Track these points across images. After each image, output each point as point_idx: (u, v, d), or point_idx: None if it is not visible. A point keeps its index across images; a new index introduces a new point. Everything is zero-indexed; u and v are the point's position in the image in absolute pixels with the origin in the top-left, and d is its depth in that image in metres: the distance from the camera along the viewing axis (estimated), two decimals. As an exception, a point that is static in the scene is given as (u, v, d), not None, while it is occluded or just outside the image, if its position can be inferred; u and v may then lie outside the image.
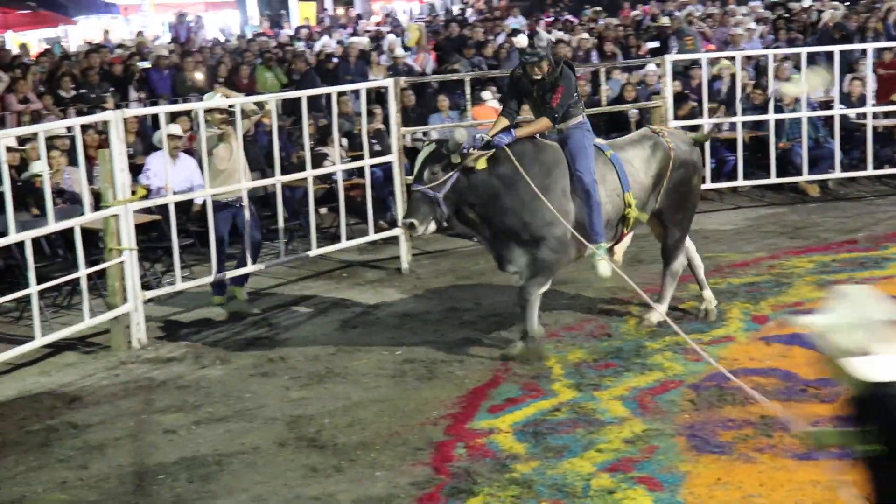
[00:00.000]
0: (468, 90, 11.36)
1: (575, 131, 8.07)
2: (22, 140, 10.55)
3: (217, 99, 9.49)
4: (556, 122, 8.02)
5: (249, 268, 9.58)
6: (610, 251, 8.23)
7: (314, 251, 10.23)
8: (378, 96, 13.44)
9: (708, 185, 12.26)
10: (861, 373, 3.63)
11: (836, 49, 12.76)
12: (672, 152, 8.37)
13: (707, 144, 11.47)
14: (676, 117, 11.98)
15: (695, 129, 12.24)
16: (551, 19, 25.47)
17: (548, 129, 8.13)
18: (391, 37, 20.47)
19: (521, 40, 8.15)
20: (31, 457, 6.67)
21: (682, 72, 14.11)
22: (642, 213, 8.30)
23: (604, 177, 8.07)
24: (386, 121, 11.54)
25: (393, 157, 10.72)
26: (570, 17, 26.04)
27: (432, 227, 7.86)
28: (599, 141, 8.42)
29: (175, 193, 9.50)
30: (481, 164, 7.70)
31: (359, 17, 30.04)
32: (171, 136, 10.35)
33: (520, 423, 6.83)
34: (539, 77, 7.97)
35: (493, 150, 7.76)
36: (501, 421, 6.88)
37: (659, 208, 8.43)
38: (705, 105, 12.19)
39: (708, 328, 8.38)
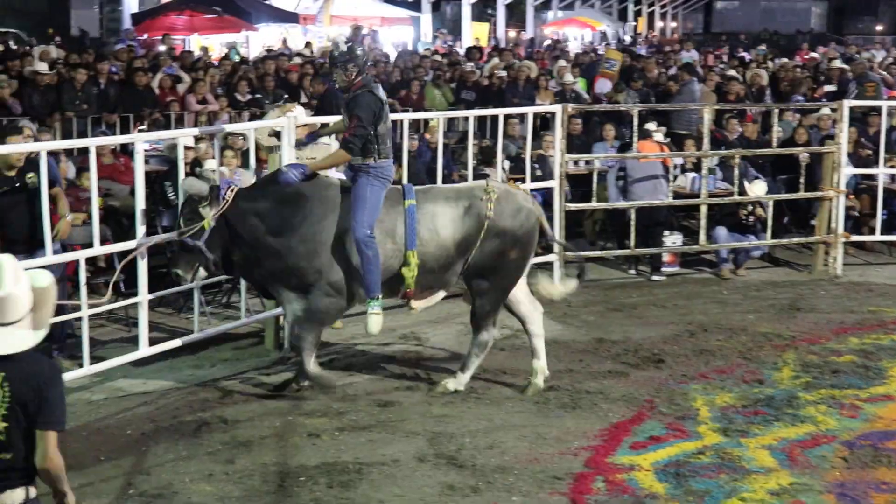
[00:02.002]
0: (635, 122, 11.27)
1: (361, 175, 7.43)
2: (196, 139, 10.94)
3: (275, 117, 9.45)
4: (353, 153, 7.42)
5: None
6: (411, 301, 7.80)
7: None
8: (543, 121, 13.46)
9: (878, 237, 11.87)
10: None
11: None
12: (487, 220, 7.59)
13: (879, 194, 11.11)
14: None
15: (870, 177, 11.90)
16: (724, 55, 25.06)
17: (343, 162, 7.63)
18: (561, 62, 20.48)
19: (339, 44, 7.63)
20: (181, 446, 6.88)
21: (861, 118, 13.67)
22: (415, 281, 7.56)
23: (392, 229, 7.48)
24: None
25: (554, 183, 10.71)
26: (744, 53, 25.58)
27: (202, 273, 7.57)
28: (412, 186, 7.75)
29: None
30: (207, 224, 7.30)
31: (532, 41, 30.11)
32: (327, 146, 10.63)
33: (662, 462, 6.71)
34: (341, 87, 7.59)
35: (268, 186, 7.46)
36: (643, 458, 6.77)
37: (467, 275, 7.77)
38: (881, 154, 11.79)
39: (866, 384, 8.07)
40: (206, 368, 8.39)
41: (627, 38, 40.66)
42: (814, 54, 24.66)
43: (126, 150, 10.96)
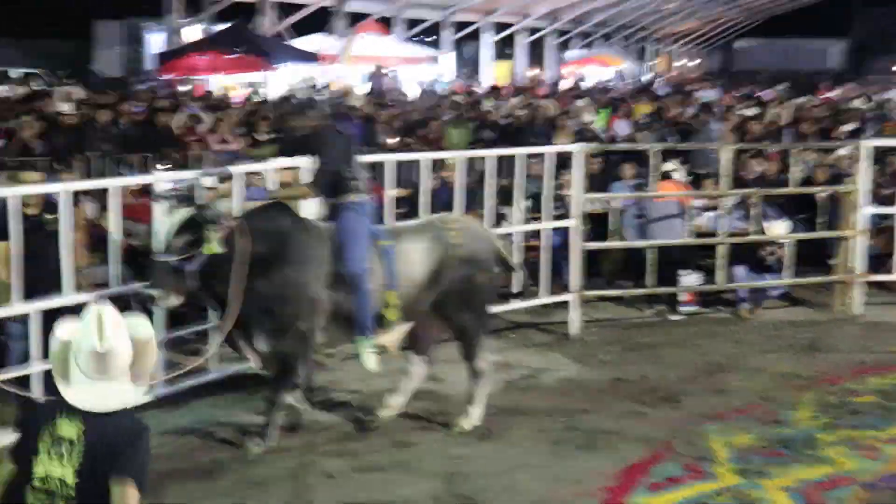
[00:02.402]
0: (652, 161, 11.28)
1: (347, 212, 7.42)
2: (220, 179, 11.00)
3: None
4: (323, 191, 7.43)
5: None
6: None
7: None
8: (561, 161, 13.47)
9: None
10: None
11: None
12: (452, 249, 7.70)
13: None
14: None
15: (887, 217, 11.85)
16: (743, 95, 25.10)
17: (307, 197, 7.64)
18: (580, 102, 20.58)
19: (299, 92, 7.74)
20: (194, 487, 6.90)
21: (881, 158, 13.62)
22: (401, 321, 7.63)
23: (372, 271, 7.42)
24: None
25: (572, 222, 10.73)
26: (763, 92, 25.63)
27: (175, 300, 7.08)
28: (378, 227, 7.79)
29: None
30: (213, 249, 6.95)
31: (556, 83, 30.29)
32: None
33: (679, 503, 6.67)
34: (300, 132, 7.57)
35: (257, 225, 7.15)
36: (660, 499, 6.75)
37: (441, 308, 7.81)
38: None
39: (886, 425, 8.00)
40: (224, 408, 8.40)
41: (646, 78, 40.80)
42: (832, 94, 24.65)
43: (147, 191, 11.05)
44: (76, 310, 7.18)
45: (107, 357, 3.70)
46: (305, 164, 8.06)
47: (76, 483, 3.66)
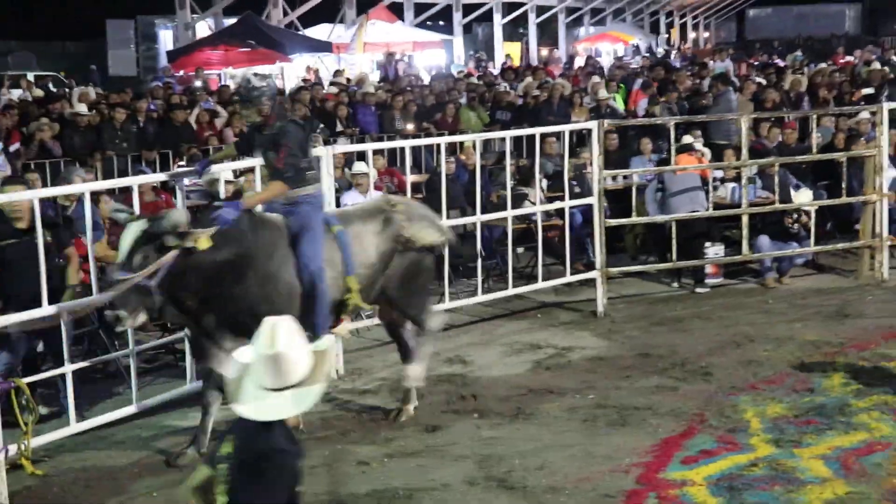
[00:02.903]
0: (672, 135, 11.23)
1: (305, 206, 7.18)
2: (238, 172, 11.01)
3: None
4: (290, 183, 7.12)
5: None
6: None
7: (511, 290, 10.30)
8: (580, 138, 13.45)
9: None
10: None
11: None
12: (402, 231, 7.64)
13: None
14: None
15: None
16: (758, 63, 24.92)
17: (280, 194, 7.18)
18: (595, 78, 20.48)
19: (247, 75, 7.42)
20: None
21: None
22: (363, 303, 7.55)
23: (330, 258, 7.25)
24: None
25: (593, 200, 10.69)
26: (778, 61, 25.43)
27: (142, 318, 6.68)
28: (328, 212, 7.64)
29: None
30: (203, 244, 6.58)
31: (569, 61, 30.15)
32: (359, 174, 10.76)
33: (714, 476, 6.65)
34: (254, 123, 7.34)
35: (218, 228, 6.69)
36: (695, 473, 6.71)
37: (387, 290, 7.73)
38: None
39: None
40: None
41: (661, 51, 40.55)
42: (850, 58, 24.45)
43: (167, 187, 11.07)
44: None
45: (279, 361, 3.77)
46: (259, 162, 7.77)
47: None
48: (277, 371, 3.78)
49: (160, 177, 9.08)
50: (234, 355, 3.97)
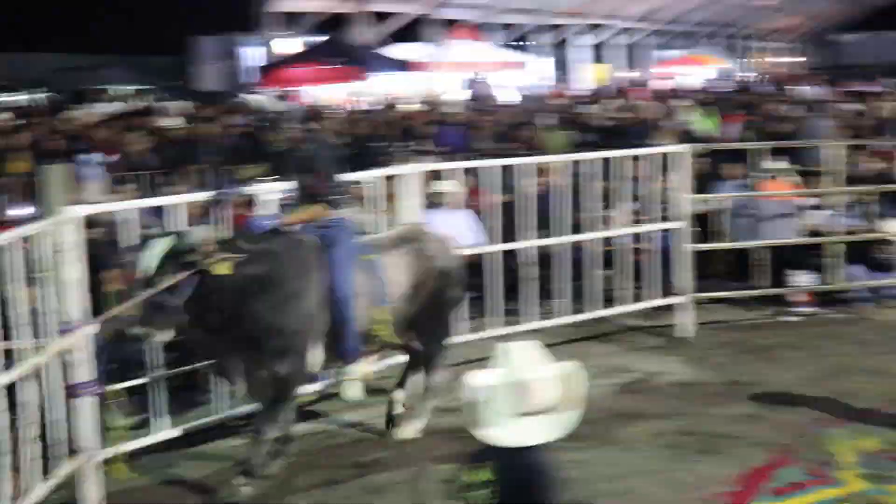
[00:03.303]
0: (761, 160, 11.08)
1: (337, 231, 7.11)
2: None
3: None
4: (331, 205, 7.10)
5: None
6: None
7: (596, 313, 10.23)
8: (668, 162, 13.30)
9: None
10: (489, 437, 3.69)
11: None
12: (432, 261, 7.52)
13: None
14: None
15: None
16: (851, 90, 24.52)
17: (321, 216, 7.15)
18: (681, 102, 20.33)
19: (270, 103, 7.32)
20: (316, 493, 6.98)
21: None
22: (393, 336, 7.36)
23: (362, 287, 7.10)
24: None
25: (681, 223, 10.57)
26: (872, 87, 24.99)
27: (167, 335, 6.62)
28: (362, 240, 7.44)
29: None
30: (221, 270, 6.48)
31: (655, 84, 29.98)
32: (444, 193, 10.76)
33: (804, 509, 6.52)
34: (281, 147, 7.20)
35: (238, 255, 6.57)
36: (784, 505, 6.58)
37: (414, 320, 7.54)
38: None
39: None
40: (344, 414, 8.44)
41: (748, 75, 40.15)
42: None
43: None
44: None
45: (527, 387, 3.76)
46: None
47: None
48: (525, 397, 3.75)
49: (201, 196, 8.44)
50: (466, 381, 3.91)
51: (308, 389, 8.04)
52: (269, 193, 7.82)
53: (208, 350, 7.05)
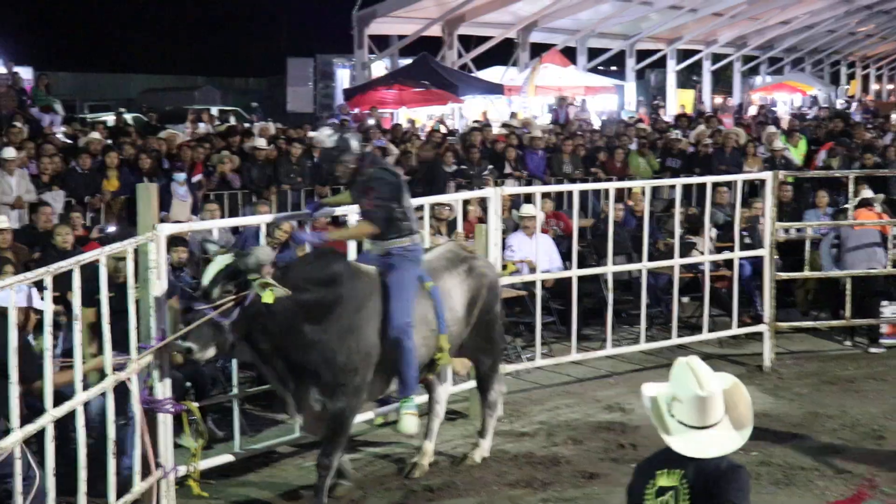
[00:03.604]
0: (850, 188, 10.90)
1: (400, 259, 6.97)
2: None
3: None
4: (380, 228, 6.96)
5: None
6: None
7: (674, 340, 10.14)
8: (752, 188, 13.17)
9: None
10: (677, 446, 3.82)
11: None
12: (483, 278, 7.44)
13: None
14: None
15: None
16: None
17: (366, 235, 7.11)
18: (770, 128, 20.05)
19: (322, 138, 7.15)
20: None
21: None
22: (453, 360, 7.19)
23: (423, 315, 6.97)
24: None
25: (764, 252, 10.44)
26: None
27: (211, 352, 6.40)
28: (420, 268, 7.18)
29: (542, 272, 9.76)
30: (268, 298, 6.26)
31: (740, 106, 29.66)
32: (526, 217, 10.81)
33: (883, 545, 6.38)
34: (344, 180, 7.08)
35: (288, 290, 6.33)
36: (863, 540, 6.45)
37: (467, 340, 7.43)
38: None
39: None
40: (413, 439, 8.46)
41: (841, 102, 39.46)
42: None
43: (338, 222, 11.33)
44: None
45: (707, 402, 3.86)
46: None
47: None
48: (702, 412, 3.86)
49: (266, 218, 8.51)
50: (643, 391, 4.07)
51: (368, 416, 8.13)
52: (350, 215, 7.90)
53: (265, 374, 7.00)
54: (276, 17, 52.00)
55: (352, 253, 7.84)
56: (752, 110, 31.90)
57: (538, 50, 29.81)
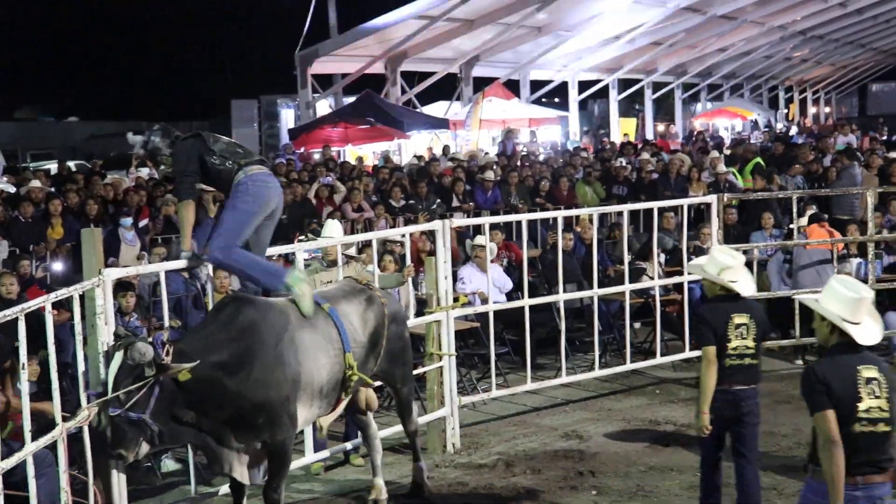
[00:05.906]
0: (794, 209, 11.03)
1: (236, 193, 6.85)
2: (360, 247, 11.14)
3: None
4: (192, 196, 6.92)
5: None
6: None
7: (628, 366, 10.17)
8: (698, 213, 13.31)
9: None
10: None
11: None
12: (385, 308, 7.42)
13: None
14: None
15: None
16: (883, 139, 24.39)
17: (185, 209, 6.92)
18: (713, 153, 20.29)
19: (137, 142, 7.22)
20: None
21: None
22: (363, 375, 7.13)
23: (328, 334, 6.90)
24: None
25: (712, 274, 10.50)
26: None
27: (144, 449, 6.11)
28: (315, 293, 7.16)
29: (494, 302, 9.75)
30: (185, 377, 6.09)
31: (690, 133, 29.98)
32: (479, 247, 10.80)
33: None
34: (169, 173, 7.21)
35: (193, 361, 6.09)
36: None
37: (381, 370, 7.45)
38: None
39: None
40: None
41: (780, 126, 40.06)
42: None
43: (287, 259, 11.27)
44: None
45: (861, 302, 5.21)
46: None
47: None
48: (857, 309, 5.20)
49: (281, 249, 8.78)
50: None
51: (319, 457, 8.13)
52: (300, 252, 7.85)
53: (197, 442, 6.69)
54: (219, 60, 51.98)
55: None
56: (696, 137, 32.26)
57: (481, 84, 29.96)
